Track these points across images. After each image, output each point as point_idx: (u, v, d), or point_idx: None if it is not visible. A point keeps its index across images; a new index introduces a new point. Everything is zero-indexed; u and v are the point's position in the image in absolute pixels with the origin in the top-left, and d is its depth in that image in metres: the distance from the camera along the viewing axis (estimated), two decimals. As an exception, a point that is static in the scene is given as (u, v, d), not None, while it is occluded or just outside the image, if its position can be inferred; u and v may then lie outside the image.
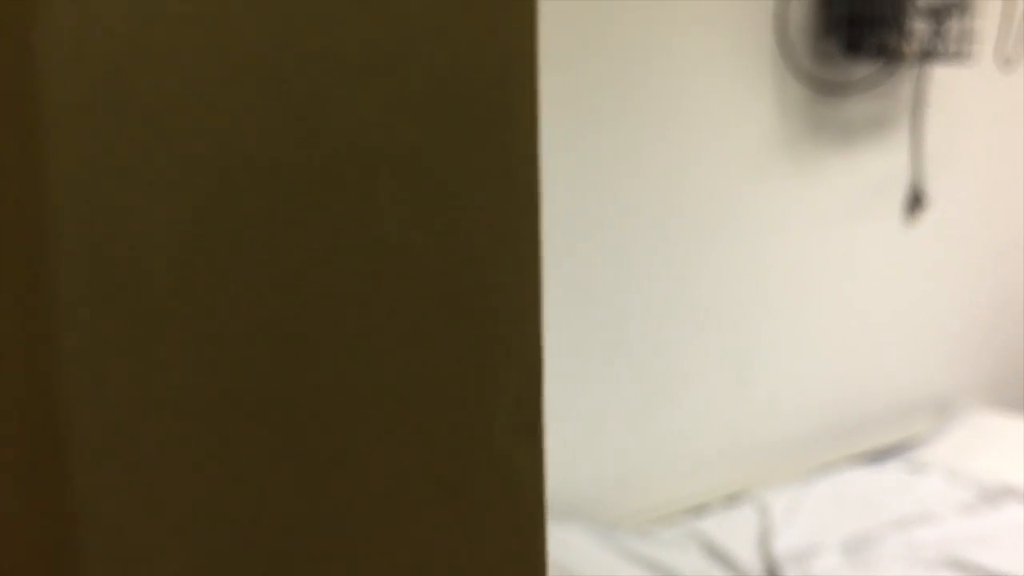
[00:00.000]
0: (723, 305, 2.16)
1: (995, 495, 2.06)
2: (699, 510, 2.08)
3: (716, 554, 1.87)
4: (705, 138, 2.07)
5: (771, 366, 2.25)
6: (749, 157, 2.15)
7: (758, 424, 2.25)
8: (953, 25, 2.14)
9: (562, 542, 1.56)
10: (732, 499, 2.11)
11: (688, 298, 2.10)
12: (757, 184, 2.17)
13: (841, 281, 2.34)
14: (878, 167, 2.35)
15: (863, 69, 2.22)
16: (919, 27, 2.08)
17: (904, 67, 2.28)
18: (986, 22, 2.33)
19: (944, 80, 2.38)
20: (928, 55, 2.13)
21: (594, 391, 2.01)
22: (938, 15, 2.11)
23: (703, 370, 2.15)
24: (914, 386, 2.52)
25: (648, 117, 1.98)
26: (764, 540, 1.91)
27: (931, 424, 2.46)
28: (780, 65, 2.14)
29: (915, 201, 2.42)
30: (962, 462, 2.21)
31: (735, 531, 1.94)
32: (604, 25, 1.89)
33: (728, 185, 2.13)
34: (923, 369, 2.53)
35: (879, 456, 2.31)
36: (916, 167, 2.40)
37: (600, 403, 2.02)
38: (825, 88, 2.20)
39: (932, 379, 2.55)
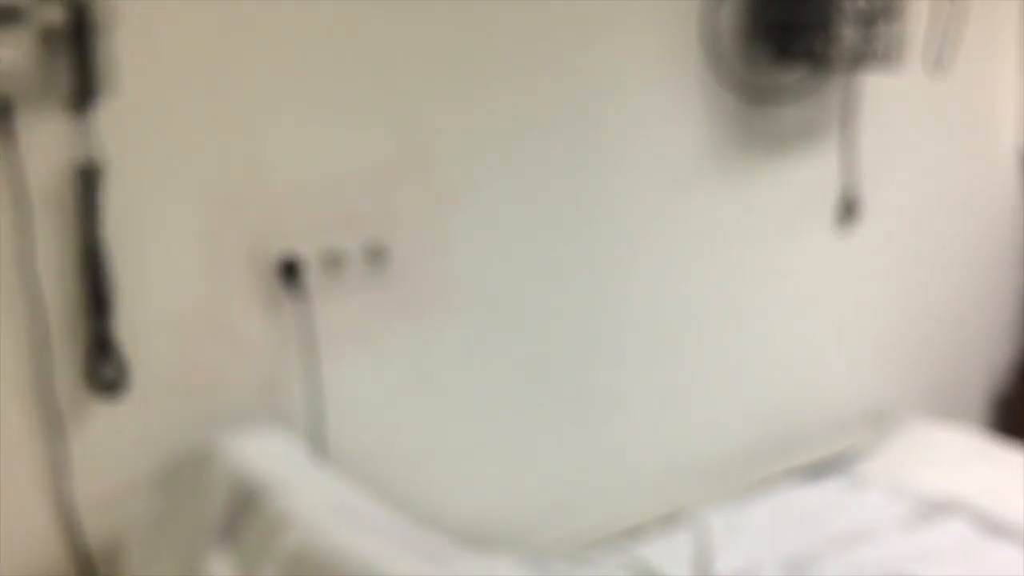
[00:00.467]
0: (655, 320, 2.09)
1: (935, 509, 2.02)
2: (635, 532, 2.00)
3: (653, 579, 1.80)
4: (632, 149, 2.01)
5: (706, 381, 2.19)
6: (678, 168, 2.09)
7: (695, 441, 2.18)
8: (882, 31, 2.10)
9: (490, 571, 1.48)
10: (669, 520, 2.04)
11: (618, 314, 2.03)
12: (687, 195, 2.11)
13: (775, 292, 2.29)
14: (810, 176, 2.31)
15: (792, 76, 2.18)
16: (848, 33, 2.04)
17: (834, 74, 2.24)
18: (915, 28, 2.30)
19: (875, 87, 2.35)
20: (857, 61, 2.09)
21: (522, 413, 1.92)
22: (867, 20, 2.07)
23: (636, 388, 2.08)
24: (852, 397, 2.47)
25: (572, 128, 1.91)
26: (702, 562, 1.84)
27: (870, 435, 2.42)
28: (708, 73, 2.09)
29: (848, 210, 2.38)
30: (902, 475, 2.17)
31: (672, 554, 1.87)
32: (525, 35, 1.82)
33: (657, 197, 2.06)
34: (860, 380, 2.49)
35: (818, 470, 2.26)
36: (848, 175, 2.36)
37: (529, 425, 1.93)
38: (755, 96, 2.15)
39: (869, 389, 2.51)
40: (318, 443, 1.66)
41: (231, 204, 1.58)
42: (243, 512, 1.21)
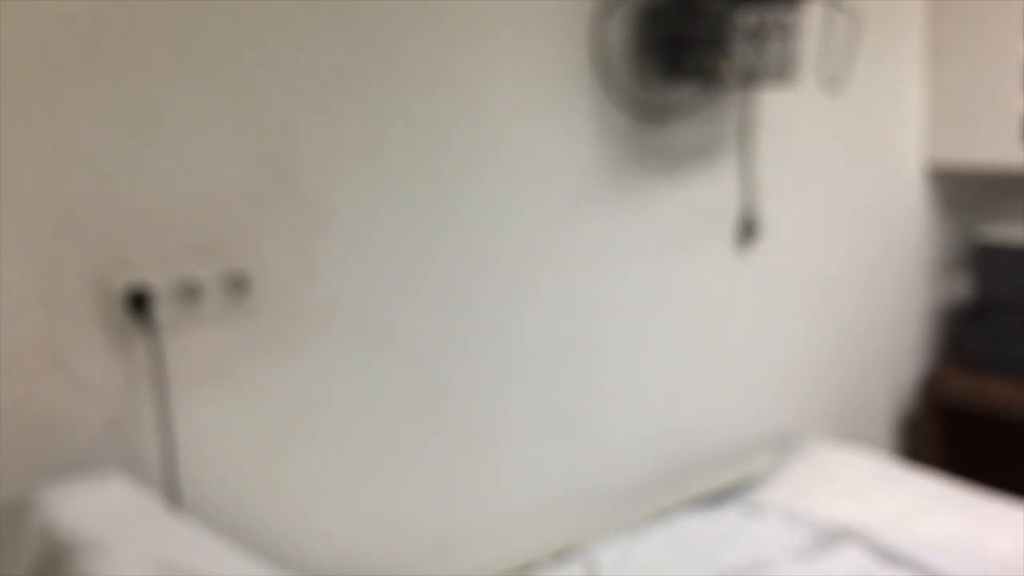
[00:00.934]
0: (547, 347, 2.01)
1: (832, 538, 1.97)
2: (526, 569, 1.92)
3: (537, 621, 1.71)
4: (518, 167, 1.93)
5: (601, 409, 2.11)
6: (569, 187, 2.02)
7: (589, 472, 2.10)
8: (775, 47, 2.06)
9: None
10: (561, 555, 1.96)
11: (507, 341, 1.95)
12: (578, 215, 2.04)
13: (673, 315, 2.22)
14: (708, 194, 2.25)
15: (685, 93, 2.12)
16: (740, 49, 1.98)
17: (729, 91, 2.20)
18: (810, 44, 2.27)
19: (773, 104, 2.31)
20: (750, 78, 2.04)
21: (402, 446, 1.83)
22: (759, 36, 2.02)
23: (526, 417, 1.99)
24: (753, 421, 2.42)
25: (452, 147, 1.83)
26: (588, 603, 1.76)
27: (772, 461, 2.36)
28: (599, 90, 2.02)
29: (747, 229, 2.33)
30: (800, 503, 2.11)
31: (559, 593, 1.79)
32: (401, 48, 1.73)
33: (546, 217, 1.99)
34: (763, 403, 2.44)
35: (718, 498, 2.20)
36: (747, 194, 2.31)
37: (409, 459, 1.84)
38: (648, 113, 2.09)
39: (772, 413, 2.46)
40: (171, 489, 1.54)
41: (70, 232, 1.46)
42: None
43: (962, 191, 2.76)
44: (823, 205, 2.48)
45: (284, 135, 1.63)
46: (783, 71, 2.07)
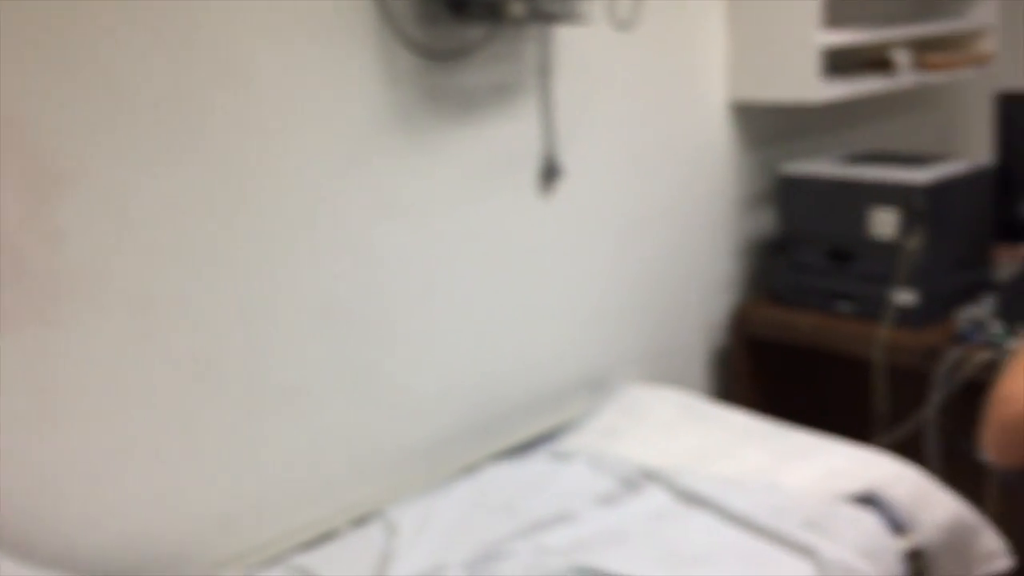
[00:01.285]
0: (335, 302, 1.91)
1: (636, 480, 1.95)
2: (324, 539, 1.83)
3: (328, 593, 1.63)
4: (297, 115, 1.81)
5: (400, 364, 2.03)
6: (354, 133, 1.91)
7: (391, 431, 2.03)
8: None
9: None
10: (362, 520, 1.88)
11: (290, 298, 1.84)
12: (366, 163, 1.93)
13: (475, 262, 2.15)
14: (507, 137, 2.18)
15: (476, 32, 2.03)
16: (524, -16, 1.90)
17: (521, 29, 2.11)
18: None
19: (571, 43, 2.24)
20: (540, 15, 1.96)
21: (177, 420, 1.70)
22: (548, -28, 1.94)
23: (317, 379, 1.89)
24: (567, 367, 2.39)
25: (215, 92, 1.69)
26: (382, 568, 1.69)
27: (585, 405, 2.34)
28: (383, 31, 1.90)
29: (549, 172, 2.27)
30: (608, 446, 2.10)
31: (353, 561, 1.71)
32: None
33: (330, 166, 1.87)
34: (575, 348, 2.40)
35: (527, 447, 2.16)
36: (548, 135, 2.25)
37: (187, 432, 1.72)
38: (436, 54, 1.99)
39: (586, 357, 2.43)
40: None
41: None
42: None
43: (766, 126, 2.78)
44: (627, 145, 2.45)
45: (18, 89, 1.46)
46: (572, 8, 2.00)
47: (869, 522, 1.77)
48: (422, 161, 2.03)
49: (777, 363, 2.71)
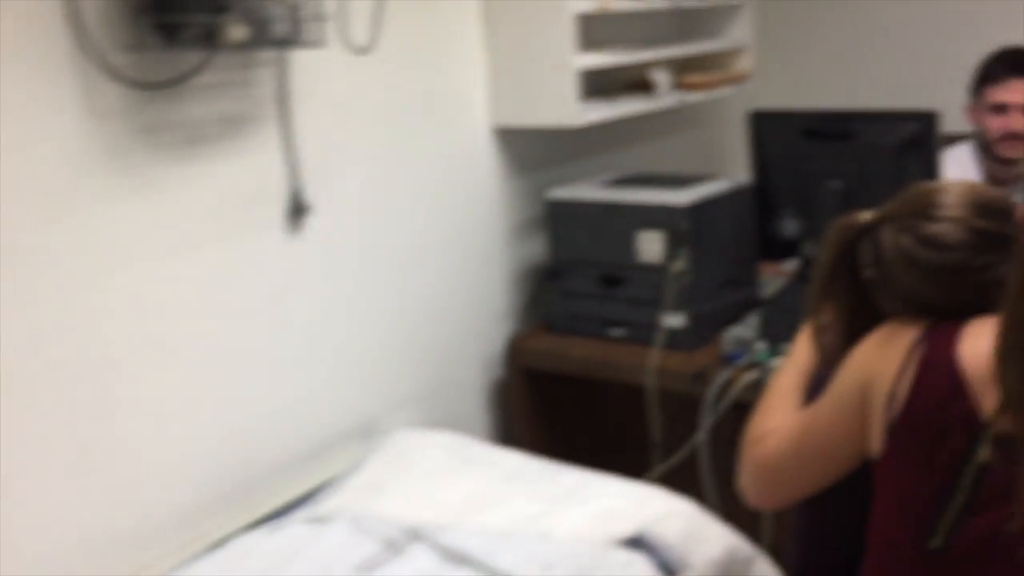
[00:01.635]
0: (41, 368, 1.67)
1: (400, 541, 1.79)
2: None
3: None
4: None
5: (128, 435, 1.80)
6: (55, 180, 1.68)
7: (127, 511, 1.79)
8: (288, 8, 1.82)
9: None
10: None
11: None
12: (74, 213, 1.70)
13: (215, 311, 1.95)
14: (244, 174, 1.99)
15: (193, 59, 1.83)
16: (241, 6, 1.72)
17: (249, 55, 1.94)
18: (334, 5, 2.05)
19: (308, 70, 2.07)
20: (264, 41, 1.79)
21: None
22: (272, -7, 1.78)
23: (26, 460, 1.64)
24: (330, 418, 2.21)
25: None
26: None
27: (354, 457, 2.17)
28: (80, 59, 1.68)
29: (296, 209, 2.09)
30: (370, 504, 1.94)
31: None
32: None
33: (29, 220, 1.63)
34: (339, 397, 2.23)
35: (285, 512, 1.97)
36: (292, 170, 2.07)
37: None
38: (148, 85, 1.78)
39: (351, 406, 2.26)
40: None
41: None
42: None
43: (532, 151, 2.70)
44: (384, 176, 2.30)
45: None
46: (302, 32, 1.84)
47: (640, 566, 1.69)
48: (143, 203, 1.82)
49: (554, 394, 2.62)
